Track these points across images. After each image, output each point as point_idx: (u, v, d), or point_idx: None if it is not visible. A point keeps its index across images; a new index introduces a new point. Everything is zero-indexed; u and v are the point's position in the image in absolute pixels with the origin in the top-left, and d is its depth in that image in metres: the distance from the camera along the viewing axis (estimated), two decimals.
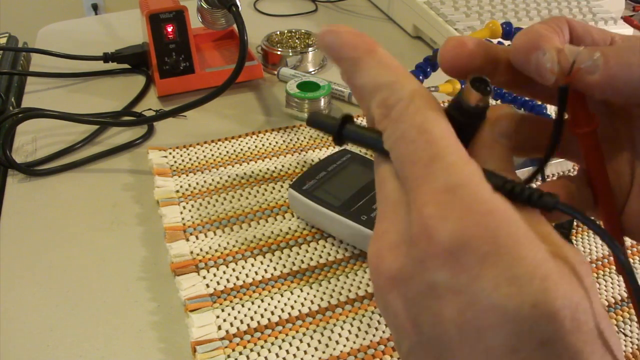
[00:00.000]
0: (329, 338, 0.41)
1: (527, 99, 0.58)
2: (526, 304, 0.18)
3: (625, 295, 0.46)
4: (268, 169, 0.57)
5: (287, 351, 0.40)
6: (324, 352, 0.40)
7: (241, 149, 0.60)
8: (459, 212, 0.19)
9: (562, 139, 0.24)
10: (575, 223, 0.51)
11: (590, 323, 0.19)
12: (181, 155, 0.58)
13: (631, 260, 0.48)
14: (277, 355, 0.39)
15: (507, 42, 0.60)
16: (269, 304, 0.43)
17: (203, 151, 0.59)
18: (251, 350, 0.40)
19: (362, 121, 0.64)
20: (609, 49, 0.23)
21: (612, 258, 0.49)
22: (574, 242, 0.50)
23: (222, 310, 0.42)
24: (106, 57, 0.72)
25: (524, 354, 0.19)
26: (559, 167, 0.56)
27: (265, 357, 0.39)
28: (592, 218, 0.20)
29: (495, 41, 0.59)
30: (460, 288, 0.19)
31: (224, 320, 0.41)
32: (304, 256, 0.47)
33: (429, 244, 0.20)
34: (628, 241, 0.48)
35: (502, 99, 0.59)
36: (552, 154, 0.24)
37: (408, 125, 0.21)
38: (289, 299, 0.43)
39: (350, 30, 0.24)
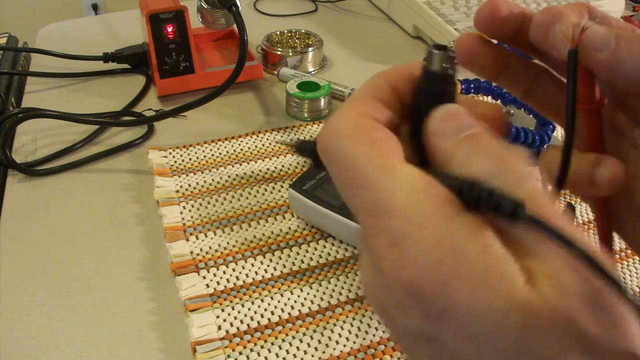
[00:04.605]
0: (329, 338, 0.41)
1: None
2: None
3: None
4: (268, 169, 0.57)
5: (287, 351, 0.40)
6: (324, 352, 0.40)
7: (241, 149, 0.60)
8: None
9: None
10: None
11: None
12: (181, 155, 0.58)
13: (621, 265, 0.48)
14: (277, 355, 0.39)
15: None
16: (269, 304, 0.43)
17: (203, 151, 0.59)
18: (251, 350, 0.40)
19: None
20: (622, 33, 0.23)
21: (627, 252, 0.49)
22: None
23: (222, 310, 0.42)
24: (106, 57, 0.72)
25: None
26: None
27: (265, 357, 0.39)
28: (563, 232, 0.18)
29: (494, 41, 0.58)
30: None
31: (224, 320, 0.41)
32: (304, 256, 0.47)
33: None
34: (617, 245, 0.47)
35: (502, 98, 0.59)
36: (568, 160, 0.24)
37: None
38: (289, 299, 0.43)
39: None
